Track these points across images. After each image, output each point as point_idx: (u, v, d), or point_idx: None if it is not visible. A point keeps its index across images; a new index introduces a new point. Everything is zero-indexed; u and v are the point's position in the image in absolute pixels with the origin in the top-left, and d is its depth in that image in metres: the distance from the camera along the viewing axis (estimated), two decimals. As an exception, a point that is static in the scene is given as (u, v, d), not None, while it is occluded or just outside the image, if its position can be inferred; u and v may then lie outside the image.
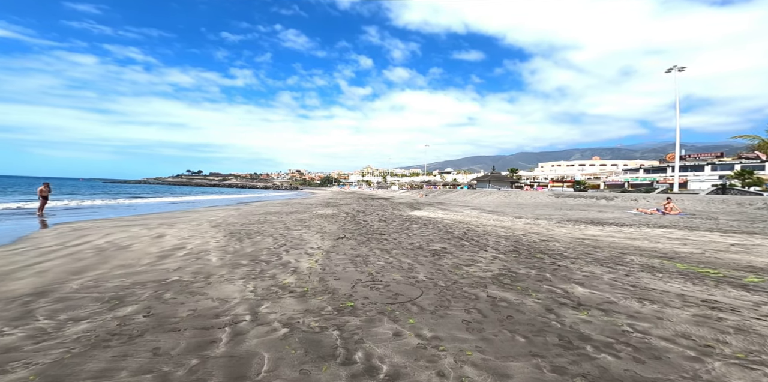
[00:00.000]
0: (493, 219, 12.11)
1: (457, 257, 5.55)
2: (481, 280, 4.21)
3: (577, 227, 9.63)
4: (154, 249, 5.84)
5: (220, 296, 3.58)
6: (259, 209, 16.81)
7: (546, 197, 24.48)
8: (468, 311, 3.16)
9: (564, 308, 3.23)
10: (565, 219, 11.97)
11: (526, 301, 3.42)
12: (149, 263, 4.85)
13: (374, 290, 3.85)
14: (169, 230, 8.31)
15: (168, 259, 5.17)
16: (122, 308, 3.18)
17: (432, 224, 10.14)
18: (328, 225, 9.65)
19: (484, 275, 4.40)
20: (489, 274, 4.47)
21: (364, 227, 9.24)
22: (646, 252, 5.89)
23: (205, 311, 3.14)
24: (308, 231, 8.36)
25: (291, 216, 12.37)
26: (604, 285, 3.94)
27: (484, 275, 4.40)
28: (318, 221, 10.83)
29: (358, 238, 7.40)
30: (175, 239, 6.97)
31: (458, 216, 13.22)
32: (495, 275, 4.40)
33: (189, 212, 14.34)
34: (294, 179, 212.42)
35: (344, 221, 10.96)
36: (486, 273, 4.51)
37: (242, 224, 9.75)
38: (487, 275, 4.44)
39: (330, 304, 3.37)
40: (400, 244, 6.70)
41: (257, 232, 8.11)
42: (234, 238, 7.19)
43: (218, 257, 5.39)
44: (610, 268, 4.71)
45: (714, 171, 50.35)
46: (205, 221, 10.48)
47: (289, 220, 11.01)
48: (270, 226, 9.33)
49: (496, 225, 10.21)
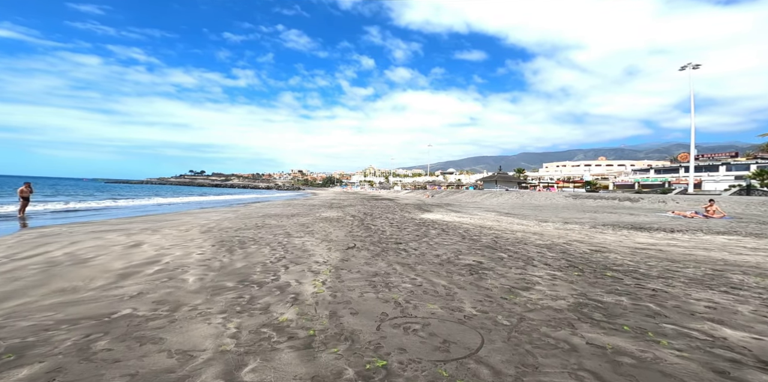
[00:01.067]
0: (517, 223, 10.88)
1: (502, 274, 4.34)
2: (558, 313, 3.00)
3: (621, 233, 8.38)
4: (119, 264, 4.67)
5: (184, 345, 2.39)
6: (259, 210, 15.66)
7: (562, 198, 23.15)
8: (579, 380, 1.95)
9: (743, 369, 2.01)
10: (599, 223, 10.71)
11: (664, 355, 2.21)
12: (101, 286, 3.67)
13: (410, 333, 2.65)
14: (151, 236, 7.15)
15: (130, 279, 3.99)
16: (9, 372, 1.99)
17: (451, 230, 8.93)
18: (334, 231, 8.46)
19: (556, 306, 3.19)
20: (563, 303, 3.25)
21: (375, 234, 8.05)
22: (742, 267, 4.66)
23: (149, 379, 1.95)
24: (312, 239, 7.18)
25: (292, 219, 11.19)
26: (755, 323, 2.72)
27: (556, 306, 3.19)
28: (322, 225, 9.64)
29: (370, 248, 6.20)
30: (152, 249, 5.80)
31: (476, 219, 12.00)
32: (573, 306, 3.19)
33: (182, 215, 13.20)
34: (296, 180, 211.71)
35: (352, 225, 9.76)
36: (558, 302, 3.29)
37: (237, 229, 8.58)
38: (561, 304, 3.23)
39: (350, 363, 2.18)
40: (424, 256, 5.50)
41: (253, 240, 6.93)
42: (224, 248, 6.01)
43: (198, 275, 4.20)
44: (727, 293, 3.49)
45: (729, 171, 48.70)
46: (196, 225, 9.32)
47: (290, 224, 9.83)
48: (268, 232, 8.15)
49: (525, 230, 8.99)
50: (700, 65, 43.17)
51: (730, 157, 52.38)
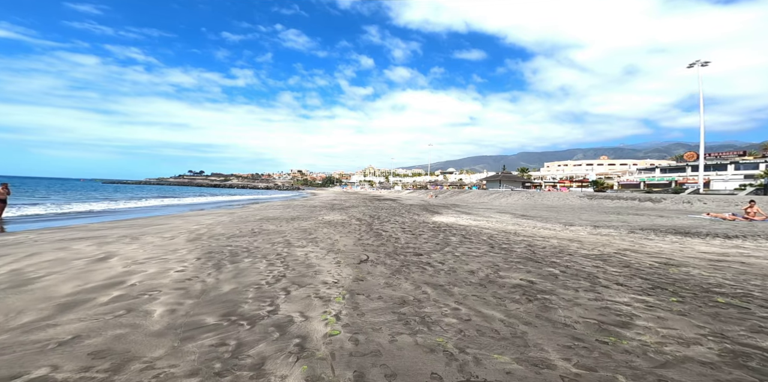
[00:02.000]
0: (542, 227, 9.83)
1: (572, 301, 3.30)
2: (717, 372, 1.96)
3: (671, 240, 7.34)
4: (68, 287, 3.61)
5: None
6: (257, 213, 14.60)
7: (576, 199, 22.09)
8: None
9: None
10: (635, 227, 9.66)
11: None
12: (27, 324, 2.62)
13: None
14: (127, 246, 6.09)
15: (73, 311, 2.94)
16: None
17: (473, 236, 7.88)
18: (340, 238, 7.41)
19: (700, 356, 2.14)
20: (705, 352, 2.20)
21: (388, 242, 7.00)
22: None
23: None
24: (316, 249, 6.12)
25: (293, 223, 10.14)
26: None
27: (700, 356, 2.14)
28: (326, 231, 8.59)
29: (387, 261, 5.16)
30: (122, 263, 4.75)
31: (494, 223, 10.95)
32: (727, 356, 2.14)
33: (173, 218, 12.14)
34: (295, 179, 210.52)
35: (359, 231, 8.71)
36: (695, 349, 2.24)
37: (230, 236, 7.52)
38: (705, 354, 2.18)
39: None
40: (455, 273, 4.45)
41: (247, 250, 5.88)
42: (211, 262, 4.96)
43: (169, 305, 3.16)
44: None
45: (737, 170, 47.74)
46: (184, 231, 8.26)
47: (291, 229, 8.77)
48: (265, 240, 7.10)
49: (556, 236, 7.95)
50: (708, 63, 42.16)
51: (737, 156, 51.41)
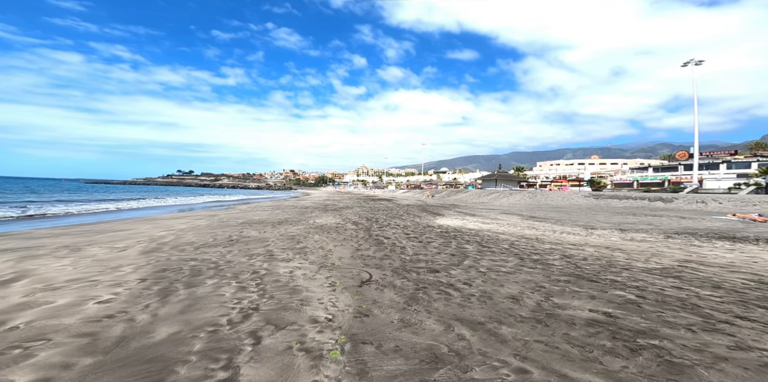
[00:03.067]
0: (562, 231, 8.72)
1: (705, 350, 2.11)
2: None
3: (724, 246, 6.27)
4: None
5: None
6: (241, 215, 13.21)
7: (581, 199, 21.17)
8: None
9: None
10: (667, 231, 8.62)
11: None
12: None
13: None
14: (57, 261, 4.72)
15: None
16: None
17: (491, 243, 6.71)
18: (334, 248, 6.15)
19: None
20: None
21: (393, 252, 5.77)
22: None
23: None
24: (304, 263, 4.85)
25: (279, 229, 8.82)
26: None
27: None
28: (318, 238, 7.31)
29: (396, 281, 3.93)
30: (26, 289, 3.40)
31: (506, 226, 9.82)
32: None
33: (142, 222, 10.68)
34: (288, 179, 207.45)
35: (356, 237, 7.45)
36: None
37: (200, 245, 6.19)
38: None
39: None
40: (491, 299, 3.25)
41: (215, 266, 4.58)
42: (159, 285, 3.65)
43: (42, 371, 1.87)
44: None
45: (730, 169, 47.96)
46: (145, 239, 6.88)
47: (275, 236, 7.47)
48: (243, 250, 5.79)
49: (586, 243, 6.82)
50: (703, 61, 42.04)
51: (729, 155, 51.72)
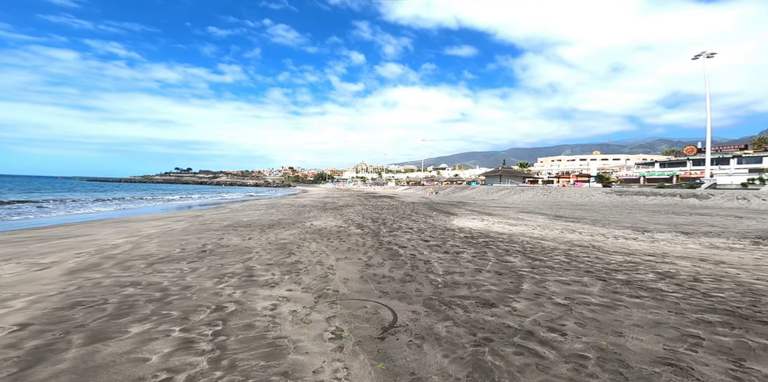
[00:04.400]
0: (611, 235, 7.24)
1: None
2: None
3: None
4: None
5: None
6: (229, 216, 11.70)
7: (602, 195, 19.66)
8: None
9: None
10: (740, 233, 7.16)
11: None
12: None
13: None
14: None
15: None
16: None
17: (541, 254, 5.21)
18: (337, 263, 4.64)
19: None
20: None
21: (414, 269, 4.27)
22: None
23: None
24: (295, 290, 3.34)
25: (269, 233, 7.32)
26: None
27: None
28: (316, 247, 5.80)
29: (437, 326, 2.43)
30: None
31: (539, 229, 8.33)
32: None
33: (108, 225, 9.16)
34: (286, 176, 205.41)
35: (363, 245, 5.95)
36: None
37: (157, 260, 4.67)
38: None
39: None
40: (620, 375, 1.77)
41: (160, 296, 3.07)
42: (41, 337, 2.15)
43: None
44: None
45: (740, 164, 46.55)
46: (92, 249, 5.36)
47: (262, 245, 5.96)
48: (212, 268, 4.28)
49: (662, 252, 5.33)
50: (715, 54, 40.23)
51: (739, 149, 50.36)
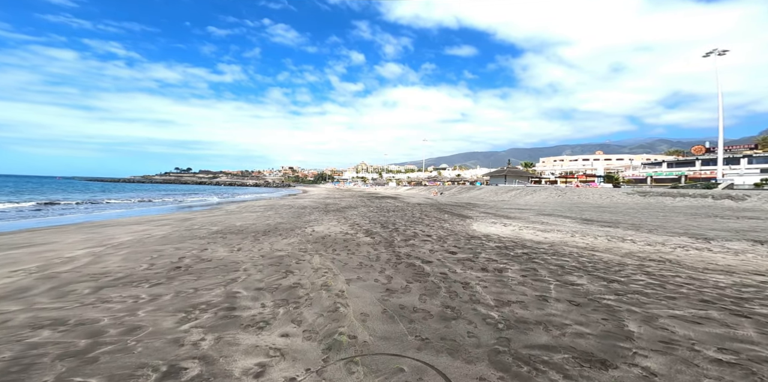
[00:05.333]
0: (674, 245, 6.10)
1: None
2: None
3: None
4: None
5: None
6: (221, 219, 10.59)
7: (624, 196, 18.48)
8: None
9: None
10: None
11: None
12: None
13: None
14: None
15: None
16: None
17: (608, 271, 4.08)
18: (348, 287, 3.50)
19: None
20: None
21: (454, 297, 3.14)
22: None
23: None
24: (293, 336, 2.20)
25: (263, 242, 6.19)
26: None
27: None
28: (319, 262, 4.66)
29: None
30: None
31: (578, 236, 7.19)
32: None
33: (80, 230, 8.03)
34: (286, 176, 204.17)
35: (378, 259, 4.81)
36: None
37: (108, 282, 3.55)
38: None
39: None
40: None
41: (79, 350, 1.95)
42: None
43: None
44: None
45: (751, 164, 45.44)
46: (37, 263, 4.23)
47: (253, 258, 4.83)
48: (179, 296, 3.15)
49: (756, 270, 4.21)
50: (727, 51, 39.03)
51: (749, 149, 49.25)
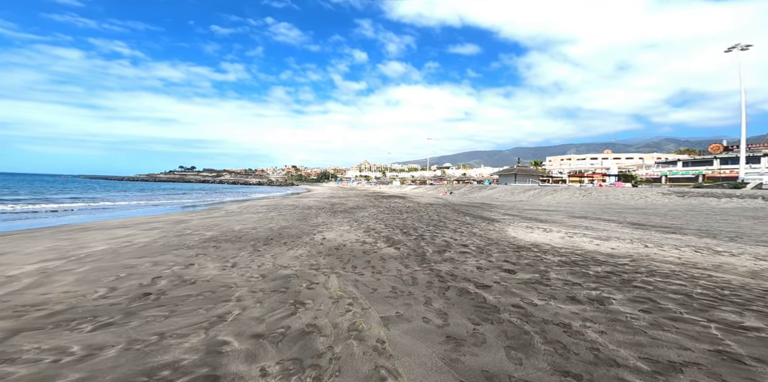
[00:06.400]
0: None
1: None
2: None
3: None
4: None
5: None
6: (220, 221, 9.48)
7: (659, 197, 17.08)
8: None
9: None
10: None
11: None
12: None
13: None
14: None
15: None
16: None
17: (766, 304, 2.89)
18: (386, 330, 2.34)
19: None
20: None
21: (566, 356, 1.97)
22: None
23: None
24: None
25: (265, 255, 5.04)
26: None
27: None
28: (337, 287, 3.50)
29: None
30: None
31: (653, 247, 5.94)
32: None
33: (63, 233, 6.95)
34: (290, 175, 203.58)
35: (414, 281, 3.65)
36: None
37: (27, 324, 2.43)
38: None
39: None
40: None
41: None
42: None
43: None
44: None
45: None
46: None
47: (251, 280, 3.69)
48: (129, 352, 2.01)
49: None
50: (750, 46, 37.28)
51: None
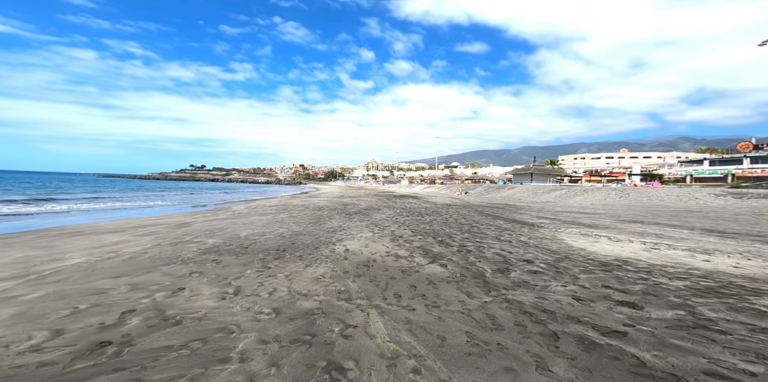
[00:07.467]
0: None
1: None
2: None
3: None
4: None
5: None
6: (226, 224, 8.46)
7: (712, 198, 15.39)
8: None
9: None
10: None
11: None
12: None
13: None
14: None
15: None
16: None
17: None
18: None
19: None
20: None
21: None
22: None
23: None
24: None
25: (277, 275, 3.95)
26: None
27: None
28: (386, 337, 2.36)
29: None
30: None
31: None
32: None
33: (43, 239, 6.00)
34: (297, 174, 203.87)
35: (496, 325, 2.48)
36: None
37: None
38: None
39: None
40: None
41: None
42: None
43: None
44: None
45: (808, 162, 40.98)
46: None
47: (259, 321, 2.58)
48: None
49: None
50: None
51: (803, 145, 44.51)
